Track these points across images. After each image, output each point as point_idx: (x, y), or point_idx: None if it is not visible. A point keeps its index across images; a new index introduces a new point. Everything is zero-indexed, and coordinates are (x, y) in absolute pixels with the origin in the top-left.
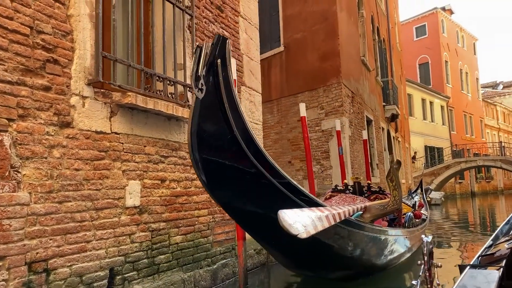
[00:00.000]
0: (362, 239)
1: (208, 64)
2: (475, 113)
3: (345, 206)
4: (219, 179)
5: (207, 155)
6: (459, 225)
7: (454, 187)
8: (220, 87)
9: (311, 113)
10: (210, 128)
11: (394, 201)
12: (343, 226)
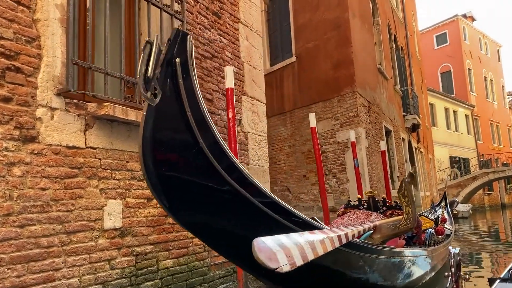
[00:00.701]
0: (371, 264)
1: (164, 64)
2: (502, 122)
3: (351, 227)
4: (185, 201)
5: (168, 172)
6: (488, 238)
7: (483, 199)
8: (180, 92)
9: (326, 124)
10: (169, 141)
11: (407, 219)
12: (347, 250)
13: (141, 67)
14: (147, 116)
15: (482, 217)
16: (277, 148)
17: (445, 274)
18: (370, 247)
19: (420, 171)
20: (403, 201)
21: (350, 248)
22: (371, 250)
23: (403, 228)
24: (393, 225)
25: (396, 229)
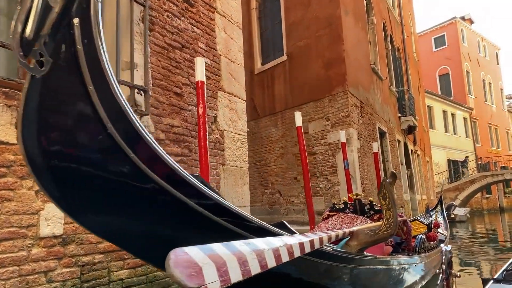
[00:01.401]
0: (344, 274)
1: (56, 25)
2: (501, 125)
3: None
4: (89, 201)
5: (63, 164)
6: (486, 241)
7: (481, 202)
8: (78, 61)
9: (317, 125)
10: (65, 124)
11: (388, 225)
12: (314, 260)
13: (16, 25)
14: (30, 91)
15: (480, 221)
16: (268, 149)
17: (437, 271)
18: (342, 255)
19: (416, 174)
20: (384, 204)
21: (318, 257)
22: (344, 259)
23: (382, 235)
24: (372, 231)
25: (375, 235)
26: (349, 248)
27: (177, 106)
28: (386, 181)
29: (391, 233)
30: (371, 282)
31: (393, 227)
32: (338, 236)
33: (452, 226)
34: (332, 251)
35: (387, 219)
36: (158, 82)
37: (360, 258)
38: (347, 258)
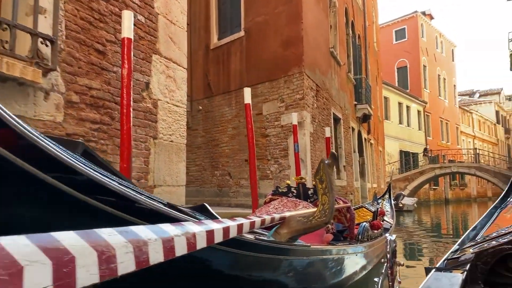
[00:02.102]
0: (270, 267)
1: None
2: (452, 120)
3: (241, 219)
4: None
5: None
6: (430, 231)
7: (428, 193)
8: None
9: (271, 106)
10: None
11: (322, 211)
12: (229, 250)
13: None
14: None
15: (426, 211)
16: (220, 129)
17: (382, 260)
18: (267, 245)
19: (368, 162)
20: (320, 187)
21: (237, 248)
22: (270, 250)
23: (316, 222)
24: (305, 217)
25: (308, 222)
26: (278, 236)
27: (98, 66)
28: (325, 162)
29: (325, 220)
30: (305, 274)
31: (329, 214)
32: (266, 223)
33: (399, 215)
34: (254, 240)
35: (322, 205)
36: (74, 34)
37: (290, 248)
38: (273, 248)
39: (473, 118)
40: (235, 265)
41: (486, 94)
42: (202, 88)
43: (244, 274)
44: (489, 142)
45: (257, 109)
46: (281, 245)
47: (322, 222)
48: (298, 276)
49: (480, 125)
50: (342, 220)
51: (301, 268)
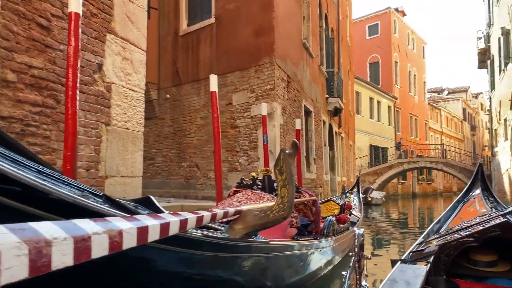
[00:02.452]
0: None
1: None
2: (421, 116)
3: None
4: None
5: None
6: (398, 224)
7: (397, 187)
8: None
9: (241, 96)
10: None
11: (281, 205)
12: (172, 249)
13: None
14: None
15: (394, 205)
16: (188, 119)
17: (350, 254)
18: (218, 243)
19: (339, 156)
20: (280, 179)
21: (182, 246)
22: (221, 248)
23: (273, 217)
24: (263, 212)
25: (265, 217)
26: (233, 232)
27: (41, 42)
28: (285, 152)
29: (284, 215)
30: (263, 272)
31: (288, 208)
32: (217, 218)
33: (368, 208)
34: (202, 238)
35: (281, 198)
36: (11, 6)
37: (245, 245)
38: (224, 245)
39: (441, 115)
40: (179, 266)
41: (454, 91)
42: (170, 76)
43: (191, 275)
44: (455, 139)
45: (226, 99)
46: (234, 242)
47: (281, 216)
48: (256, 274)
49: (448, 122)
50: (308, 214)
51: (259, 266)
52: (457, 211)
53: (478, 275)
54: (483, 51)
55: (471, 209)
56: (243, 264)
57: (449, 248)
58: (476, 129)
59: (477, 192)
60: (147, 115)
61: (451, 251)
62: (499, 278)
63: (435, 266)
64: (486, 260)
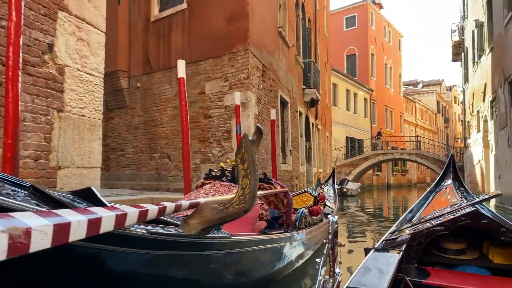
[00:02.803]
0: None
1: None
2: (396, 108)
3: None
4: None
5: None
6: (373, 214)
7: (372, 179)
8: None
9: (214, 85)
10: None
11: (242, 197)
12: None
13: None
14: None
15: (369, 196)
16: (160, 108)
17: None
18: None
19: (315, 147)
20: (241, 168)
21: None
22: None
23: (233, 210)
24: (222, 204)
25: (224, 211)
26: (188, 227)
27: None
28: (248, 138)
29: (245, 208)
30: (226, 270)
31: (249, 200)
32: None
33: (343, 199)
34: (146, 235)
35: (242, 189)
36: None
37: (202, 241)
38: (176, 243)
39: (416, 107)
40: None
41: (428, 84)
42: (141, 64)
43: (136, 277)
44: (429, 131)
45: (199, 88)
46: (187, 239)
47: (241, 209)
48: (216, 273)
49: (422, 114)
50: (279, 206)
51: (220, 264)
52: (429, 201)
53: (448, 262)
54: (457, 43)
55: (443, 199)
56: (200, 262)
57: (421, 236)
58: (449, 121)
59: (449, 182)
60: (117, 104)
61: (423, 239)
62: (468, 265)
63: (407, 254)
64: (456, 248)
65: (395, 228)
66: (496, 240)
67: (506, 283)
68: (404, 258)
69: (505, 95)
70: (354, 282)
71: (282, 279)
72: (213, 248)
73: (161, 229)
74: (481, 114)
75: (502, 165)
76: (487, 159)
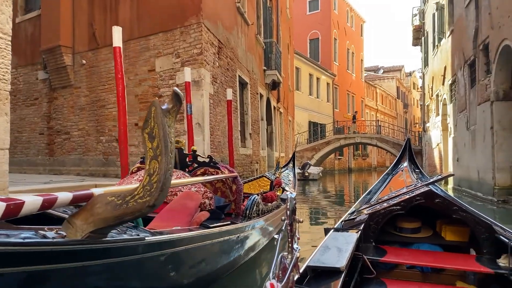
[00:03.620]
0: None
1: None
2: (358, 93)
3: None
4: None
5: None
6: (335, 198)
7: (334, 163)
8: None
9: (165, 61)
10: None
11: (147, 187)
12: None
13: None
14: None
15: (331, 180)
16: (107, 88)
17: (282, 218)
18: (32, 251)
19: (277, 131)
20: (149, 147)
21: None
22: (42, 257)
23: (135, 206)
24: (120, 197)
25: (123, 206)
26: (72, 230)
27: None
28: (159, 106)
29: (150, 202)
30: (145, 279)
31: (156, 192)
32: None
33: (305, 184)
34: None
35: (148, 176)
36: None
37: (92, 248)
38: (57, 253)
39: (377, 93)
40: None
41: (389, 70)
42: (86, 39)
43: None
44: (389, 116)
45: (149, 64)
46: (67, 246)
47: (145, 204)
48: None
49: (383, 100)
50: (227, 193)
51: (129, 274)
52: (386, 182)
53: (404, 241)
54: (417, 27)
55: (399, 180)
56: (99, 275)
57: (378, 216)
58: (408, 106)
59: (405, 165)
60: (60, 83)
61: (380, 219)
62: (422, 243)
63: (365, 234)
64: (411, 227)
65: (354, 209)
66: (448, 219)
67: (456, 258)
68: (362, 238)
69: (464, 77)
70: (313, 261)
71: (235, 271)
72: (118, 254)
73: (33, 234)
74: (441, 98)
75: (461, 148)
76: (446, 142)
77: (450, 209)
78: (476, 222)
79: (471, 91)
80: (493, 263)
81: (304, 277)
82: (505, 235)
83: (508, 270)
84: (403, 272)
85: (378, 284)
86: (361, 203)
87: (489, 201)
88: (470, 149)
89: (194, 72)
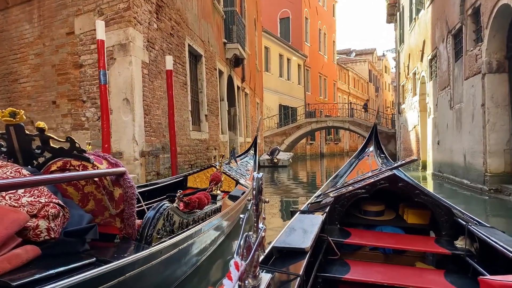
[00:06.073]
0: None
1: None
2: (330, 76)
3: None
4: None
5: None
6: (306, 184)
7: (305, 148)
8: None
9: (86, 21)
10: None
11: None
12: None
13: None
14: None
15: (302, 165)
16: (19, 57)
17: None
18: None
19: (242, 114)
20: None
21: None
22: None
23: None
24: None
25: None
26: None
27: None
28: None
29: None
30: None
31: None
32: None
33: (274, 171)
34: None
35: None
36: None
37: None
38: None
39: (349, 76)
40: None
41: (361, 53)
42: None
43: None
44: (361, 99)
45: (67, 26)
46: None
47: None
48: None
49: (355, 83)
50: (105, 203)
51: None
52: (353, 166)
53: (368, 223)
54: (392, 2)
55: (365, 164)
56: None
57: (343, 199)
58: (380, 90)
59: (371, 149)
60: None
61: (345, 202)
62: (385, 226)
63: (330, 216)
64: (375, 210)
65: (321, 192)
66: (410, 202)
67: (416, 240)
68: (328, 220)
69: (448, 50)
70: (279, 242)
71: None
72: None
73: None
74: (418, 76)
75: (442, 130)
76: (424, 124)
77: (412, 192)
78: (437, 205)
79: (456, 64)
80: (451, 245)
81: (270, 257)
82: (463, 218)
83: (465, 251)
84: (366, 253)
85: (342, 265)
86: (328, 186)
87: (478, 190)
88: (454, 130)
89: (120, 32)
